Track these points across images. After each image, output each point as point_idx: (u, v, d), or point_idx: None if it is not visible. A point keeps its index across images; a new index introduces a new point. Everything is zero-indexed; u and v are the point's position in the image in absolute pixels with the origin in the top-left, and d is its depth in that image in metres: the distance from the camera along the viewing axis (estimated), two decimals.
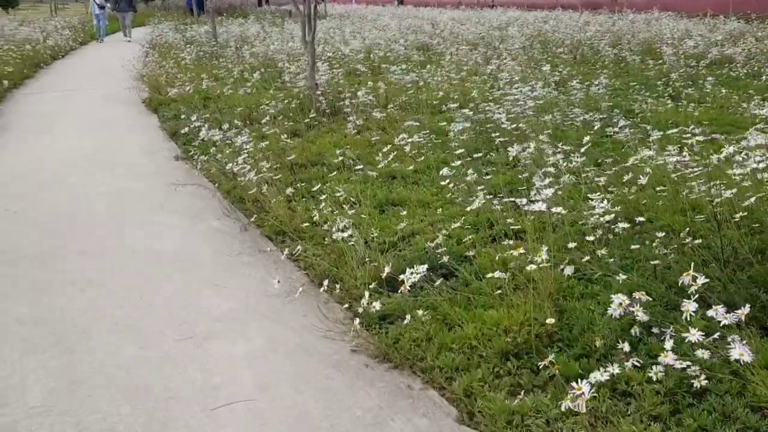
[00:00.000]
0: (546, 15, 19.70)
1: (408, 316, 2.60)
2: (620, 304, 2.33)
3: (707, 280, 2.25)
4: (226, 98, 7.87)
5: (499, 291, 2.83)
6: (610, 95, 7.25)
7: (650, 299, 2.43)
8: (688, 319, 2.17)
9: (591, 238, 2.89)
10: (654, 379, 2.22)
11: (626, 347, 2.36)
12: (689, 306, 2.15)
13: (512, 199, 3.17)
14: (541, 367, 2.41)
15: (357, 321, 2.65)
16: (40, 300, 3.23)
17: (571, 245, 2.88)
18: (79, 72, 12.97)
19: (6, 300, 3.24)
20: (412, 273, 2.82)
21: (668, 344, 2.11)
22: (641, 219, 3.12)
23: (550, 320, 2.48)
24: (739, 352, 2.03)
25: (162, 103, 8.38)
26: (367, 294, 2.77)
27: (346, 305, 3.06)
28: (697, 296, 2.18)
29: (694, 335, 2.12)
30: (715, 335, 2.15)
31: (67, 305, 3.18)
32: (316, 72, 7.61)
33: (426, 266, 2.88)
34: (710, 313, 2.13)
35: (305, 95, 7.42)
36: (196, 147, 6.10)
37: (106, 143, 6.77)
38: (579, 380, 2.05)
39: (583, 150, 3.78)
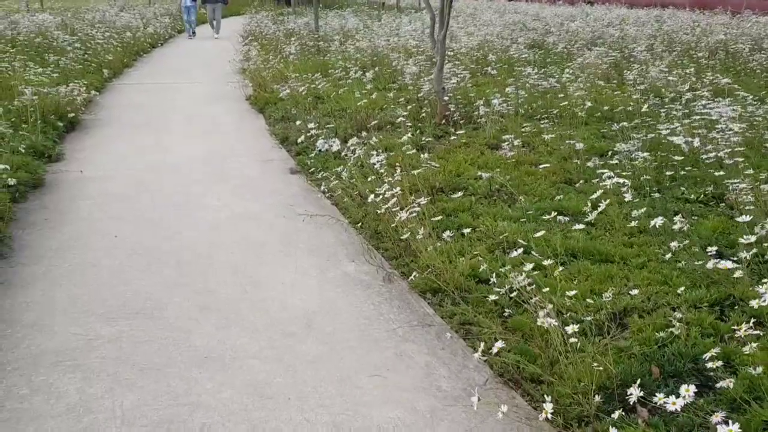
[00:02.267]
0: (658, 14, 18.16)
1: None
2: None
3: None
4: (340, 99, 7.10)
5: None
6: None
7: None
8: None
9: None
10: None
11: None
12: None
13: None
14: None
15: None
16: (150, 386, 2.44)
17: None
18: (178, 62, 12.55)
19: (106, 383, 2.45)
20: (668, 395, 1.95)
21: None
22: None
23: None
24: None
25: (268, 102, 7.70)
26: None
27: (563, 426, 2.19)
28: None
29: None
30: None
31: (185, 398, 2.37)
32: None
33: (694, 387, 1.99)
34: None
35: (430, 101, 6.55)
36: (313, 159, 5.35)
37: (215, 147, 6.08)
38: None
39: None
